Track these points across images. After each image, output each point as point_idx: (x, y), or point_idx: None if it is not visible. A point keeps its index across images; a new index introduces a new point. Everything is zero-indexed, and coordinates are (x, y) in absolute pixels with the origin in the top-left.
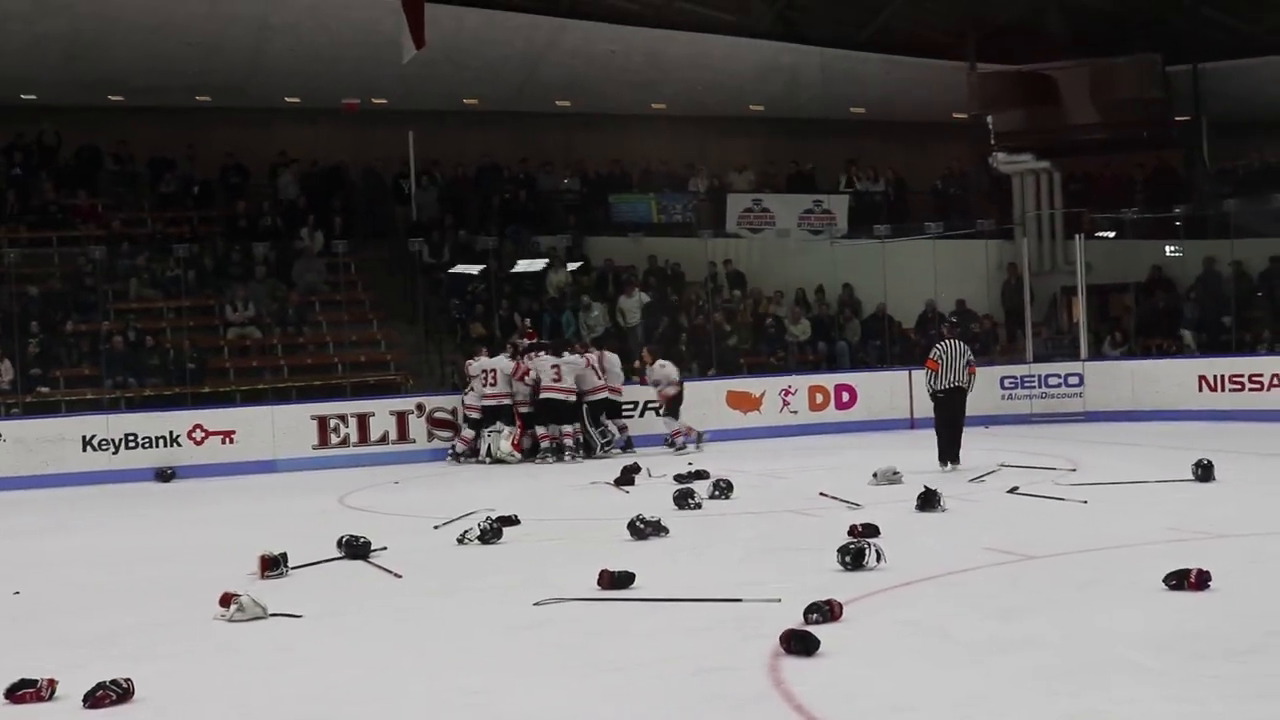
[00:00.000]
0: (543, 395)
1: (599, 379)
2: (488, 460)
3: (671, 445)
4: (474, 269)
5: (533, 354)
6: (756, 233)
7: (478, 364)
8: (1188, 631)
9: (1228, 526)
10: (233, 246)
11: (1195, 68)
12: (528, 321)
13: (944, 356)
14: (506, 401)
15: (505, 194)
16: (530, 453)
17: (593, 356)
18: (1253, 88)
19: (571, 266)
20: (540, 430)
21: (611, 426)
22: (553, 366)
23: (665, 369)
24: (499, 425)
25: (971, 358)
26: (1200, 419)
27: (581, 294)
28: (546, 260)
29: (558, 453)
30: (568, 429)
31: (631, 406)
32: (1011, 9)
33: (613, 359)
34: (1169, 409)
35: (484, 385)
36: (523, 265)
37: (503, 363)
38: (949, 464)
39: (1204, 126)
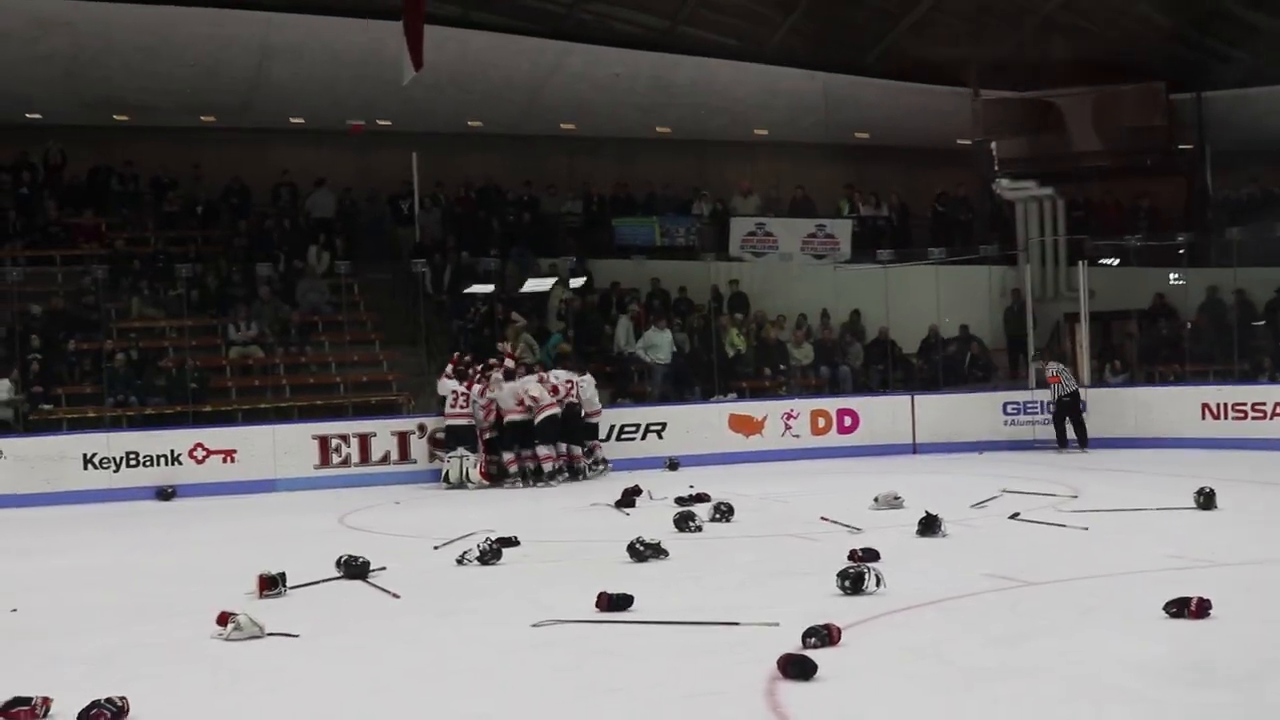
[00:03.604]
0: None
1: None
2: (445, 485)
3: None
4: (486, 288)
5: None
6: (759, 256)
7: (446, 384)
8: (1187, 660)
9: (1229, 554)
10: (234, 266)
11: (1199, 96)
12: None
13: (1061, 371)
14: (469, 422)
15: (508, 216)
16: (498, 478)
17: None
18: (1255, 117)
19: (575, 283)
20: (513, 454)
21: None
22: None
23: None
24: (462, 451)
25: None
26: (1202, 447)
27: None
28: (555, 279)
29: (540, 475)
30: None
31: (634, 429)
32: (1015, 37)
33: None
34: (1171, 436)
35: (451, 406)
36: (531, 285)
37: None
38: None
39: (1207, 155)
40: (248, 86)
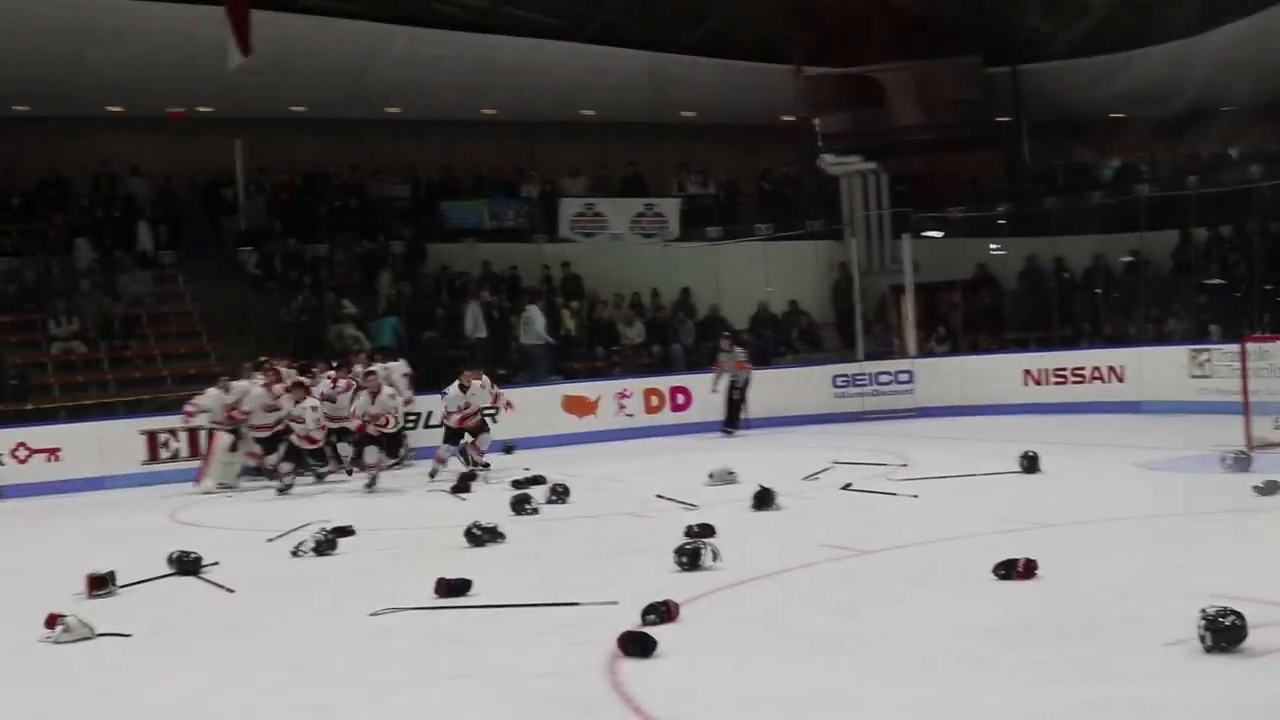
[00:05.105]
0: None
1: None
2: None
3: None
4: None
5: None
6: (590, 237)
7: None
8: (1018, 620)
9: (1053, 516)
10: (53, 259)
11: (1014, 70)
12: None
13: (746, 357)
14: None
15: (335, 201)
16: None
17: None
18: (1069, 90)
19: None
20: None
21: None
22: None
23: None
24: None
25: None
26: (1025, 413)
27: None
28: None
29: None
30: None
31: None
32: (836, 13)
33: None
34: (995, 403)
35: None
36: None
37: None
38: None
39: (1023, 127)
40: (65, 74)
